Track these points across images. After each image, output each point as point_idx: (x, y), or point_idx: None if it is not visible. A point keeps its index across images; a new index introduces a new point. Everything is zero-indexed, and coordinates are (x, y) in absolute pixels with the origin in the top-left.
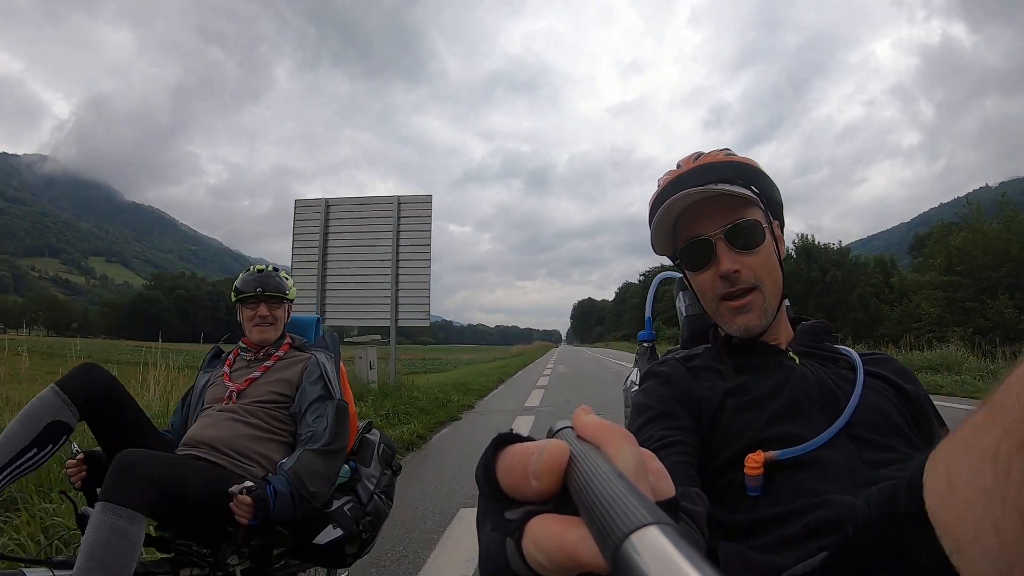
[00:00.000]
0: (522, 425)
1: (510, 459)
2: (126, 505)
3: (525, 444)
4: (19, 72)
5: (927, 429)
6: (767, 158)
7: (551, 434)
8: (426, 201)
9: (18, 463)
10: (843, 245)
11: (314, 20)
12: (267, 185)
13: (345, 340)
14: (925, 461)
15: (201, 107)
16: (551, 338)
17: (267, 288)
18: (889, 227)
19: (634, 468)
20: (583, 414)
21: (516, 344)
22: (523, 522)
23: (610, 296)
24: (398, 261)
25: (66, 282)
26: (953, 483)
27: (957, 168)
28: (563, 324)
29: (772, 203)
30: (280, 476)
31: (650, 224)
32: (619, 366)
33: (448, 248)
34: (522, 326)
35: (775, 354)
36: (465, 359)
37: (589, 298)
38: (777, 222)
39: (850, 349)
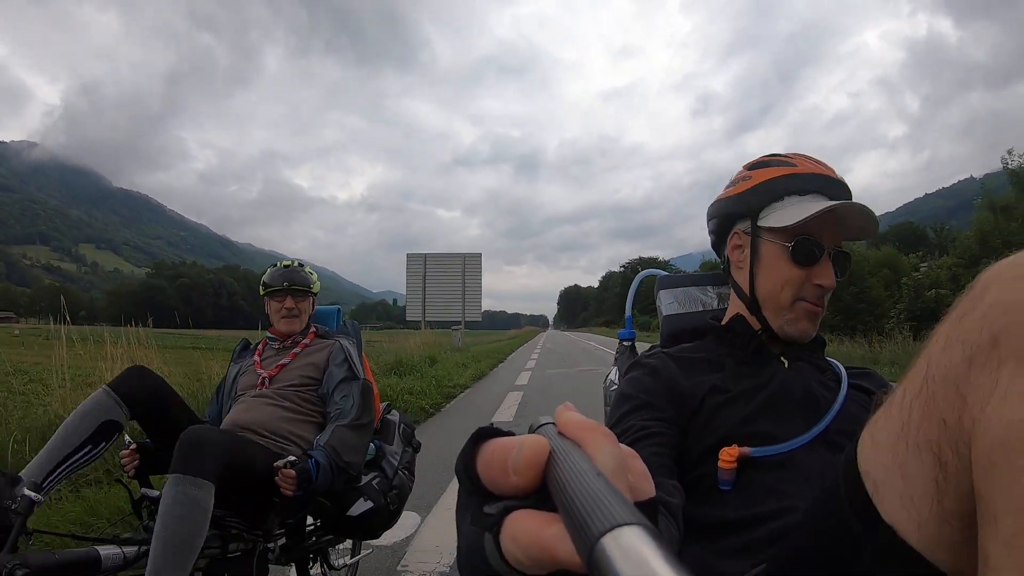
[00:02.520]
0: (530, 366)
1: (490, 453)
2: (197, 475)
3: (505, 439)
4: (3, 57)
5: None
6: (756, 145)
7: (532, 430)
8: (478, 255)
9: (74, 459)
10: None
11: (307, 4)
12: (255, 170)
13: (448, 328)
14: (859, 438)
15: (191, 93)
16: (539, 323)
17: (293, 283)
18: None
19: (613, 467)
20: (565, 411)
21: (510, 329)
22: (502, 517)
23: (596, 282)
24: (464, 286)
25: (58, 270)
26: (875, 441)
27: (941, 160)
28: (550, 309)
29: None
30: (319, 450)
31: (766, 183)
32: (588, 345)
33: (435, 234)
34: (510, 311)
35: (768, 356)
36: (468, 342)
37: (575, 284)
38: None
39: (837, 362)
